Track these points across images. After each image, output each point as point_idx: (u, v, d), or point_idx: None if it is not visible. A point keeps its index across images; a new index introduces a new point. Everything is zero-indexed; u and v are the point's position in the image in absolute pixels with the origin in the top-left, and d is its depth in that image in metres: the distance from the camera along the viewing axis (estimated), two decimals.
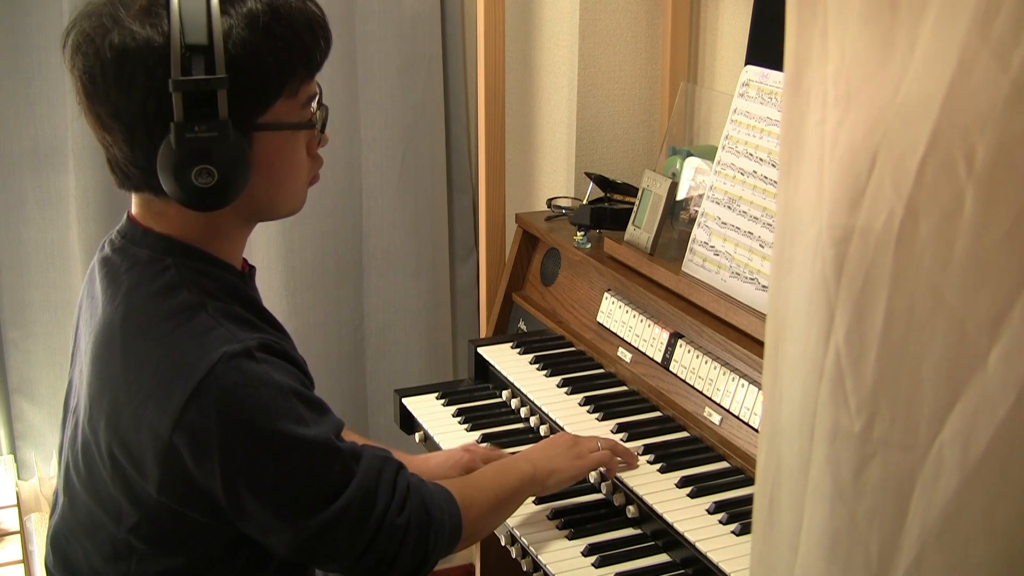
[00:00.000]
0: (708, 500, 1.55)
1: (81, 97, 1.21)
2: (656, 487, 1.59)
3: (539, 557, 1.54)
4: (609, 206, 2.09)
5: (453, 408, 1.97)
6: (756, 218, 1.70)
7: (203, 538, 1.26)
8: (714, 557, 1.43)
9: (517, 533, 1.59)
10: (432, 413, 1.98)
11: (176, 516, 1.23)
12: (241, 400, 1.17)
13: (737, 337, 1.67)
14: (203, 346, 1.18)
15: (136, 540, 1.25)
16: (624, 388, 1.89)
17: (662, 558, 1.54)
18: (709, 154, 1.89)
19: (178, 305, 1.21)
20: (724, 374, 1.69)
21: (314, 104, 1.28)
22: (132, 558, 1.26)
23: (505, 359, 2.03)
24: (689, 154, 1.96)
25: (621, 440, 1.71)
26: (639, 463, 1.65)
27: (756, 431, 1.60)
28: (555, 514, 1.63)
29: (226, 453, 1.18)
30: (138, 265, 1.25)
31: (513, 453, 1.68)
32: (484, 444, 1.81)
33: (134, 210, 1.30)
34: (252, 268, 1.39)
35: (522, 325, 2.22)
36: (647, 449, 1.68)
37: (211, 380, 1.16)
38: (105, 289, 1.26)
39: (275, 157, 1.25)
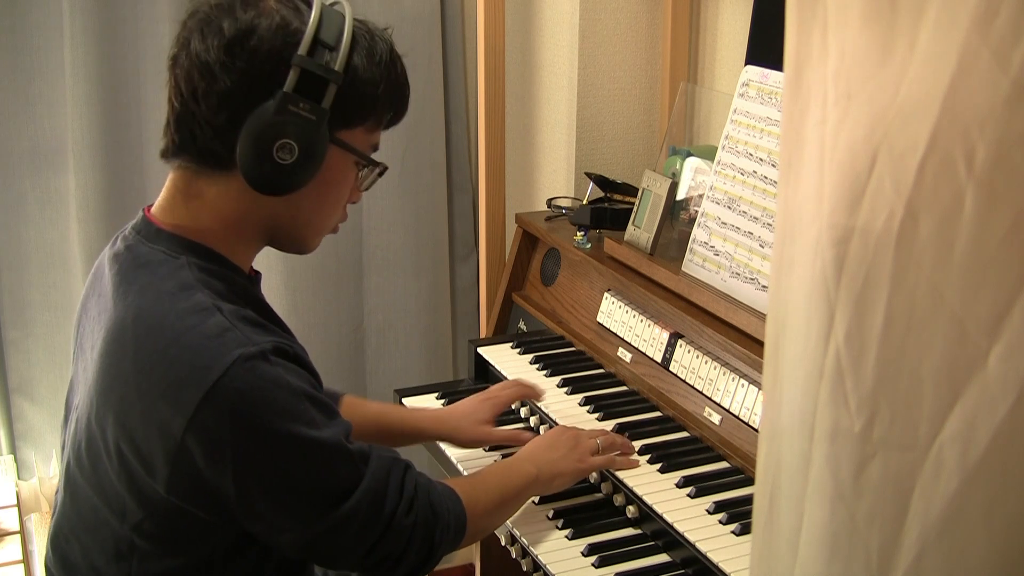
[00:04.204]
0: (708, 500, 1.55)
1: (188, 44, 1.22)
2: (656, 487, 1.59)
3: (539, 557, 1.54)
4: (609, 206, 2.09)
5: None
6: (756, 218, 1.70)
7: (206, 538, 1.26)
8: (714, 557, 1.43)
9: (517, 533, 1.59)
10: None
11: (181, 514, 1.23)
12: (255, 402, 1.18)
13: (737, 337, 1.67)
14: (218, 348, 1.18)
15: (139, 538, 1.25)
16: (624, 388, 1.89)
17: (662, 558, 1.54)
18: (709, 154, 1.89)
19: (193, 306, 1.21)
20: (724, 374, 1.69)
21: (374, 155, 1.34)
22: (134, 557, 1.26)
23: (505, 359, 2.03)
24: (689, 154, 1.95)
25: None
26: (639, 462, 1.65)
27: (756, 431, 1.60)
28: (555, 514, 1.63)
29: (239, 454, 1.19)
30: (151, 263, 1.26)
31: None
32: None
33: (156, 203, 1.30)
34: (258, 274, 1.40)
35: (522, 325, 2.22)
36: (647, 449, 1.68)
37: (226, 382, 1.17)
38: (116, 286, 1.26)
39: (332, 177, 1.29)
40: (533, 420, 1.88)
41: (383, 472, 1.29)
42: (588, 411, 1.81)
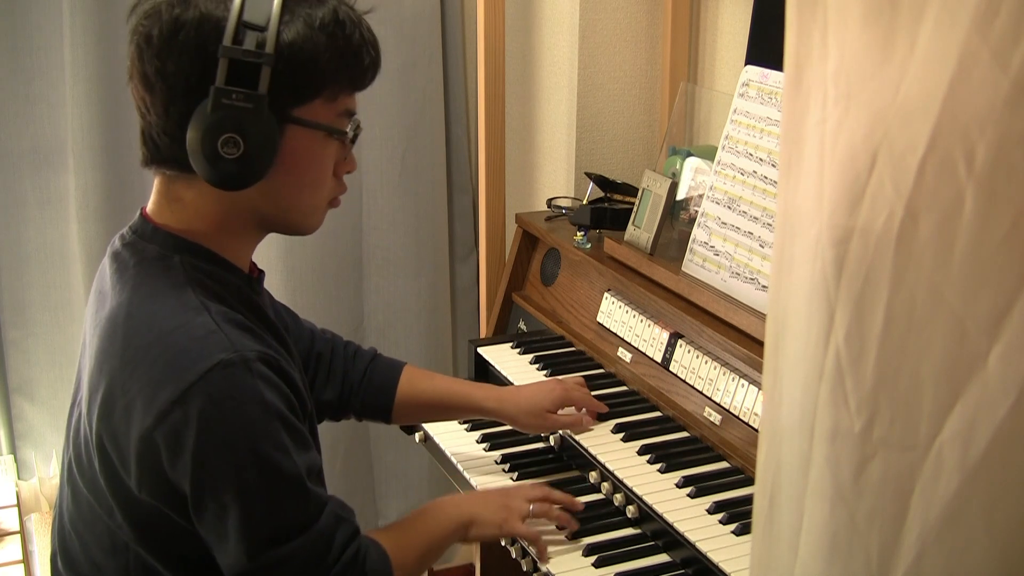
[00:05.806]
0: (708, 500, 1.55)
1: (133, 59, 1.24)
2: (656, 487, 1.59)
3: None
4: (609, 206, 2.09)
5: None
6: (756, 218, 1.70)
7: (185, 539, 1.25)
8: (714, 557, 1.43)
9: None
10: None
11: (156, 514, 1.23)
12: (226, 411, 1.17)
13: (737, 337, 1.67)
14: (201, 350, 1.18)
15: (124, 535, 1.26)
16: (624, 388, 1.89)
17: (662, 558, 1.54)
18: (709, 154, 1.89)
19: (182, 305, 1.21)
20: (724, 374, 1.69)
21: (350, 122, 1.30)
22: (129, 552, 1.27)
23: (505, 359, 2.03)
24: (689, 154, 1.96)
25: (620, 440, 1.71)
26: (580, 504, 1.60)
27: (756, 431, 1.60)
28: None
29: (199, 458, 1.17)
30: (145, 261, 1.26)
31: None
32: (573, 377, 1.85)
33: (149, 205, 1.30)
34: (261, 273, 1.39)
35: (522, 325, 2.22)
36: (647, 449, 1.68)
37: (202, 385, 1.16)
38: (114, 284, 1.27)
39: (302, 157, 1.26)
40: None
41: (331, 527, 1.26)
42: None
